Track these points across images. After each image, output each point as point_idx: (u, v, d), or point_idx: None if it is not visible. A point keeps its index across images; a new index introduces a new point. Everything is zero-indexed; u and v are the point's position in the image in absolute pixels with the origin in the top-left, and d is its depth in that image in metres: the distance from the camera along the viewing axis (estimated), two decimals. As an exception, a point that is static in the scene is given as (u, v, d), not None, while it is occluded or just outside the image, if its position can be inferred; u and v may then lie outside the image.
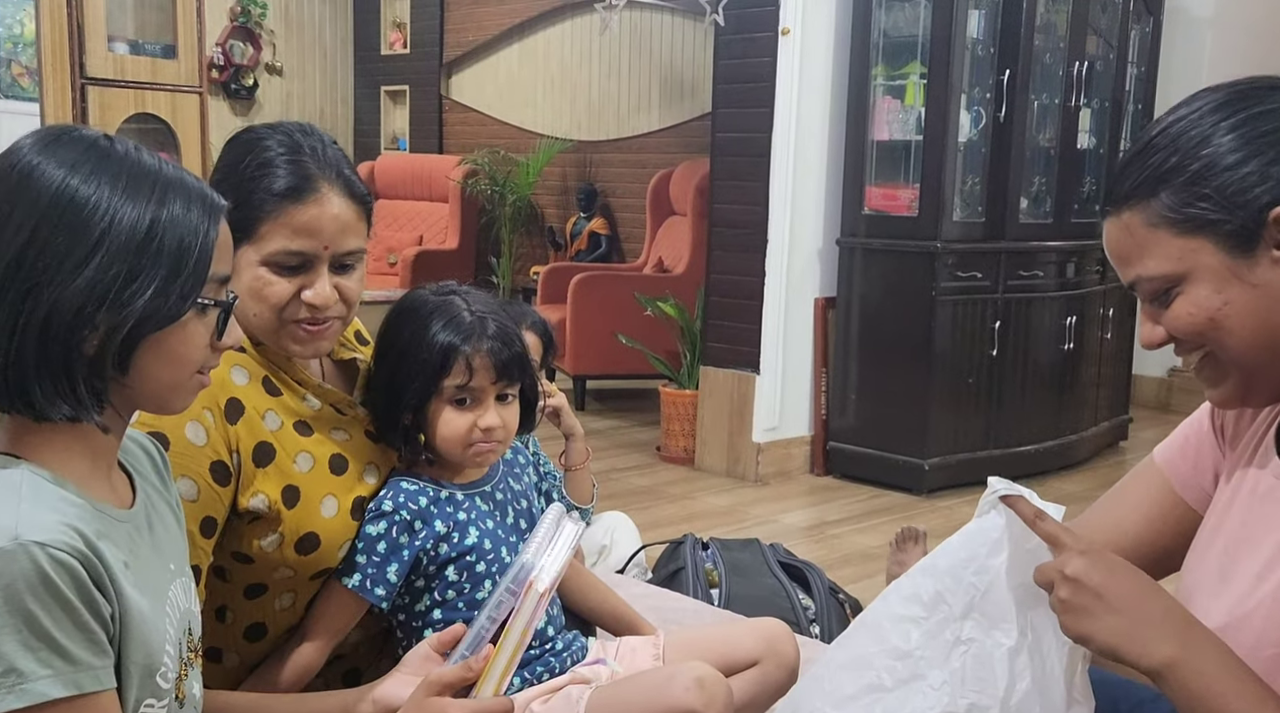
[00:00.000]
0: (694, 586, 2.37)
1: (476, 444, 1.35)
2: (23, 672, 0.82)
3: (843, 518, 3.65)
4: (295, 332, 1.28)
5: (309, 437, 1.31)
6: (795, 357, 4.09)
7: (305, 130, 1.29)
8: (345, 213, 1.26)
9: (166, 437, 1.18)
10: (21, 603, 0.82)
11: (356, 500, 1.34)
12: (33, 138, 0.91)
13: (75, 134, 0.92)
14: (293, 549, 1.28)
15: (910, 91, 3.93)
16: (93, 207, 0.87)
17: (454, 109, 7.27)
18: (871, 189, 3.99)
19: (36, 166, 0.88)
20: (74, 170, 0.88)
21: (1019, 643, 0.99)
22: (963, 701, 0.98)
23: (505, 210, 6.43)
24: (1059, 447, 4.22)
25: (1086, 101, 4.22)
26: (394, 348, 1.37)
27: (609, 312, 4.89)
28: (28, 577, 0.82)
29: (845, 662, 1.05)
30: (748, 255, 4.02)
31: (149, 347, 0.90)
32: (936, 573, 1.03)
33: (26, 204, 0.86)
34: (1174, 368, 5.45)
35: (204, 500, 1.20)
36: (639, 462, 4.28)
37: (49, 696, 0.82)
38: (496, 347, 1.34)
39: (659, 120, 6.17)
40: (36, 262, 0.85)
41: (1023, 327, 4.05)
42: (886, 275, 3.95)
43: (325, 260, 1.26)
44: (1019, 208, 4.02)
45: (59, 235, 0.86)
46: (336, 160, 1.28)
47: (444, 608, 1.36)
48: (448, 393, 1.34)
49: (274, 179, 1.23)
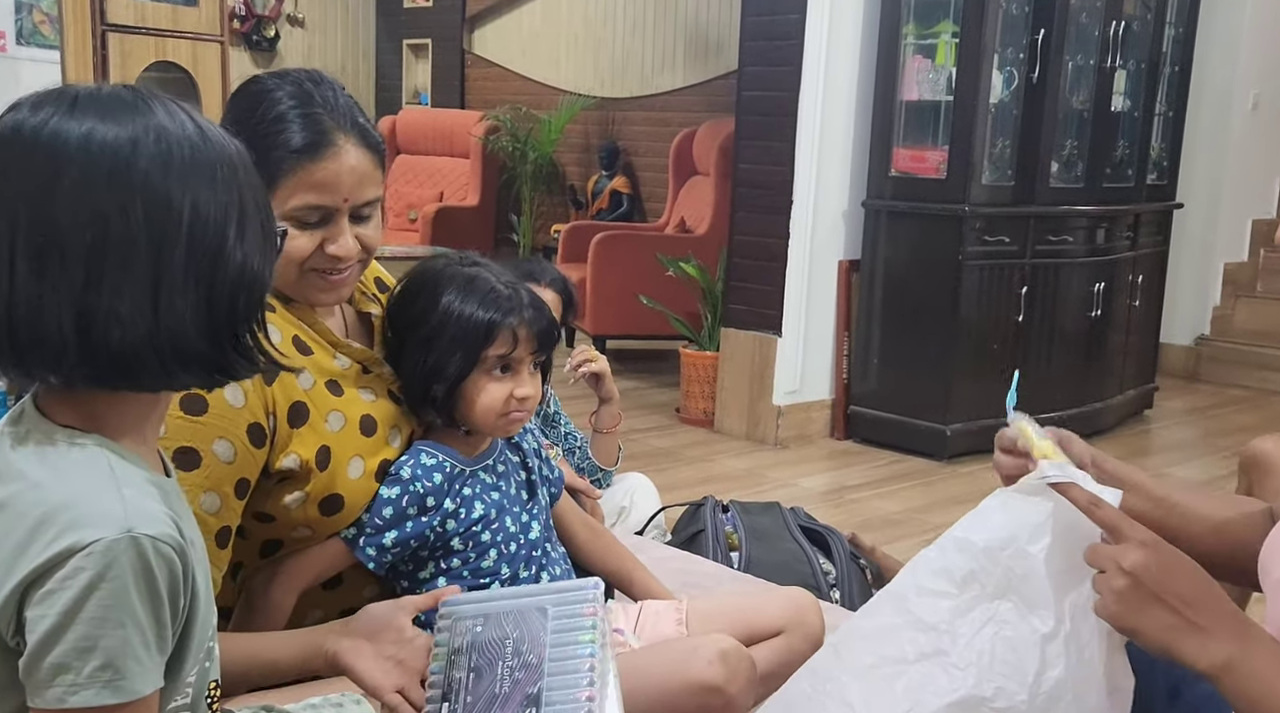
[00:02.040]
0: (714, 548, 2.35)
1: (511, 412, 1.37)
2: (120, 669, 0.81)
3: (863, 483, 3.62)
4: (317, 281, 1.28)
5: (340, 396, 1.31)
6: (817, 320, 4.05)
7: (315, 79, 1.27)
8: (362, 163, 1.25)
9: (205, 398, 1.17)
10: (128, 599, 0.80)
11: (382, 464, 1.33)
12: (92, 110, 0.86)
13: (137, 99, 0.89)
14: (316, 509, 1.27)
15: (941, 51, 3.85)
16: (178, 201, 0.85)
17: (476, 64, 7.20)
18: (899, 151, 3.92)
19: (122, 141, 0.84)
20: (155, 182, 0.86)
21: (1055, 630, 0.96)
22: (989, 684, 0.95)
23: (526, 168, 6.38)
24: (1083, 415, 4.17)
25: (1122, 63, 4.13)
26: (425, 322, 1.36)
27: (630, 272, 4.86)
28: (135, 570, 0.81)
29: (868, 632, 1.03)
30: (771, 217, 3.97)
31: None
32: (972, 551, 1.00)
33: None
34: (1202, 336, 5.38)
35: (240, 462, 1.20)
36: (658, 423, 4.27)
37: (142, 693, 0.82)
38: (534, 316, 1.37)
39: (684, 78, 6.09)
40: (206, 229, 0.85)
41: (1050, 293, 3.99)
42: (912, 239, 3.90)
43: (345, 212, 1.26)
44: (1050, 171, 3.95)
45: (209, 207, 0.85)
46: (349, 109, 1.26)
47: (448, 576, 1.36)
48: (489, 363, 1.35)
49: (290, 135, 1.21)
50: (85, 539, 0.80)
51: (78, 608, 0.79)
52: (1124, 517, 0.96)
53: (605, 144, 6.32)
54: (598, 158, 6.34)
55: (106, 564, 0.79)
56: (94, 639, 0.80)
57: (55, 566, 0.80)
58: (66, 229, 0.81)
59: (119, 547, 0.80)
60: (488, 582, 1.36)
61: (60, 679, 0.80)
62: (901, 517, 3.27)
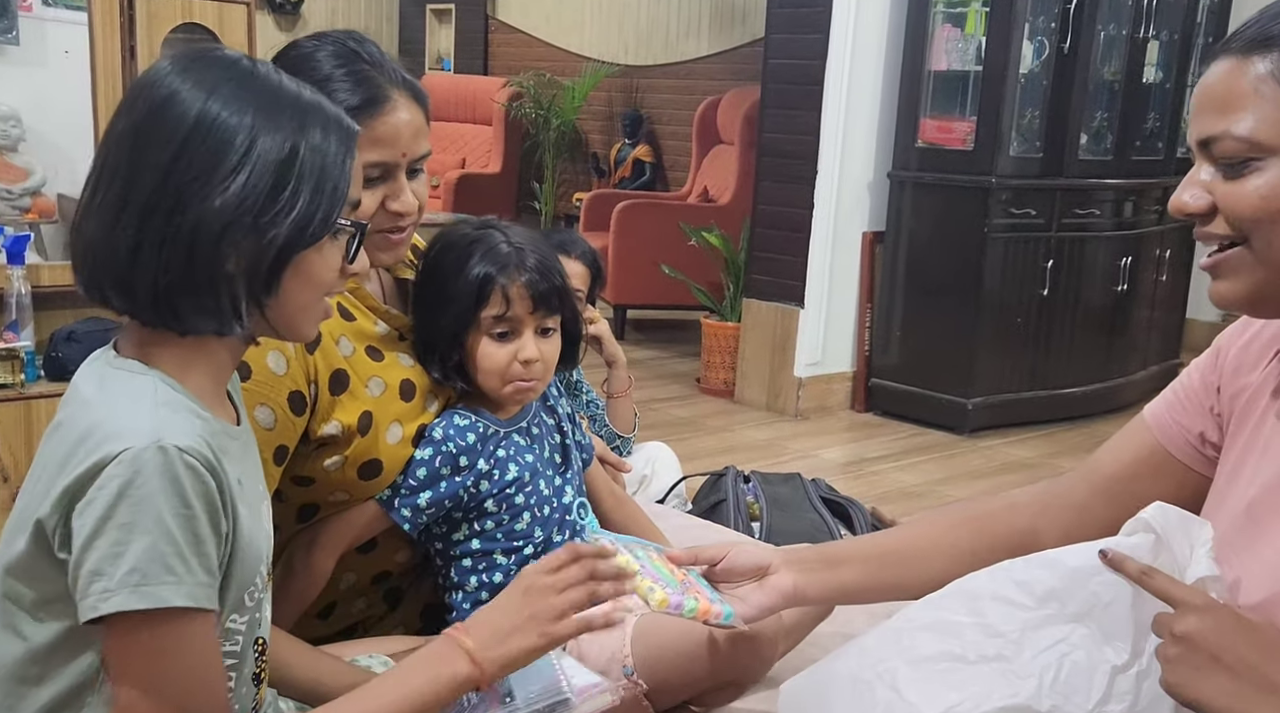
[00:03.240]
0: (735, 518, 2.36)
1: (515, 380, 1.34)
2: (146, 573, 0.82)
3: (883, 455, 3.62)
4: (379, 241, 1.28)
5: (379, 362, 1.31)
6: (840, 291, 4.03)
7: (355, 38, 1.27)
8: (415, 117, 1.26)
9: (249, 365, 1.18)
10: (154, 504, 0.82)
11: (420, 429, 1.33)
12: (171, 59, 0.91)
13: (215, 55, 0.93)
14: (355, 473, 1.28)
15: (971, 19, 3.80)
16: (233, 129, 0.87)
17: (500, 29, 7.16)
18: (926, 121, 3.88)
19: (176, 91, 0.88)
20: (214, 94, 0.88)
21: (1128, 663, 0.92)
22: (1047, 700, 0.92)
23: (549, 135, 6.36)
24: (1106, 390, 4.14)
25: (1155, 33, 4.07)
26: (433, 282, 1.36)
27: (652, 241, 4.84)
28: (163, 478, 0.82)
29: (930, 623, 1.01)
30: (796, 187, 3.94)
31: (290, 269, 0.91)
32: (1059, 569, 0.96)
33: (169, 128, 0.87)
34: (1228, 313, 5.32)
35: (280, 429, 1.21)
36: (678, 393, 4.27)
37: (170, 602, 0.82)
38: (533, 278, 1.33)
39: (709, 45, 6.04)
40: (181, 179, 0.87)
41: (1075, 266, 3.96)
42: (937, 210, 3.87)
43: (404, 167, 1.26)
44: (1079, 143, 3.90)
45: (202, 156, 0.87)
46: (392, 64, 1.27)
47: (482, 538, 1.36)
48: (485, 325, 1.33)
49: (342, 95, 1.21)
50: (116, 449, 0.82)
51: (109, 514, 0.82)
52: (1176, 583, 0.91)
53: (628, 112, 6.28)
54: (621, 126, 6.30)
55: (135, 471, 0.82)
56: (124, 545, 0.82)
57: (91, 476, 0.82)
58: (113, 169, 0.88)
59: (146, 455, 0.82)
60: (520, 544, 1.37)
61: (95, 586, 0.82)
62: (921, 490, 3.27)
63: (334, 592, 1.37)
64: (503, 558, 1.36)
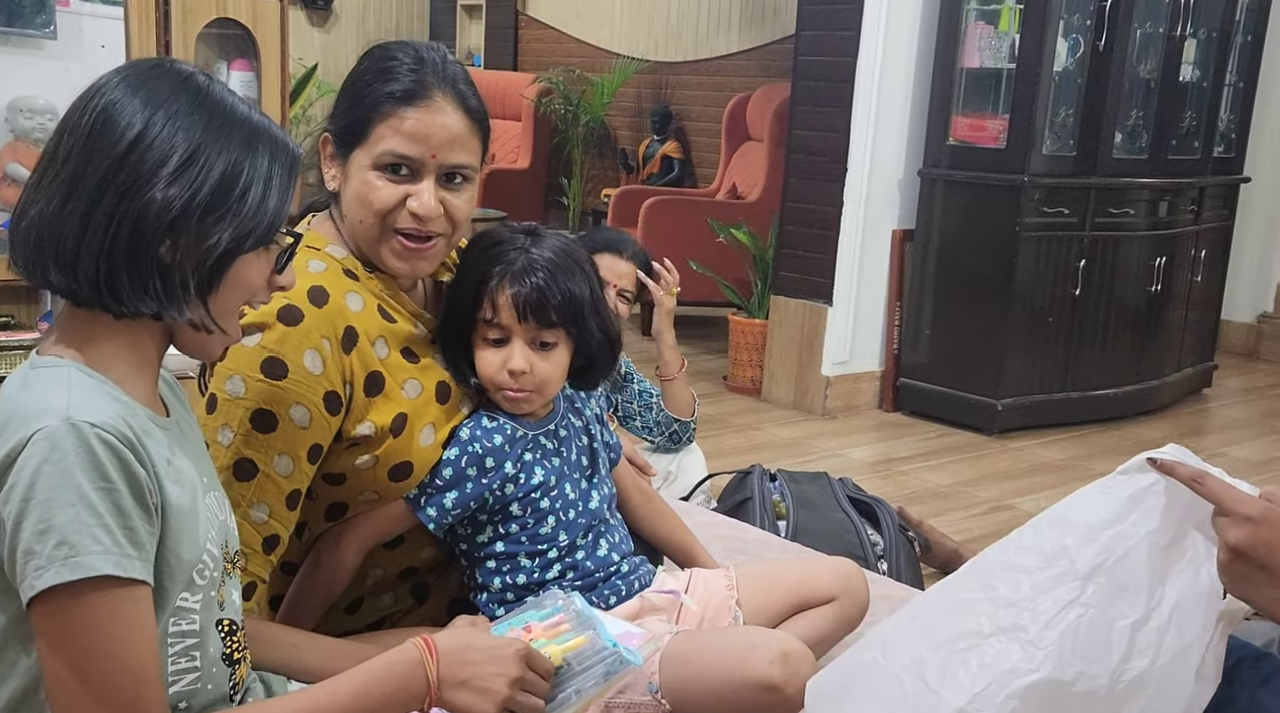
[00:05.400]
0: (761, 516, 2.35)
1: (504, 388, 1.33)
2: (74, 544, 0.84)
3: (911, 454, 3.60)
4: (395, 244, 1.28)
5: (415, 363, 1.32)
6: (869, 290, 4.01)
7: (432, 47, 1.32)
8: (455, 124, 1.27)
9: (286, 363, 1.19)
10: (73, 478, 0.84)
11: (452, 431, 1.34)
12: (120, 73, 0.95)
13: (169, 69, 0.97)
14: (385, 473, 1.29)
15: (1005, 17, 3.76)
16: (184, 139, 0.92)
17: (530, 25, 7.16)
18: (958, 119, 3.85)
19: (116, 103, 0.92)
20: (164, 107, 0.93)
21: (1145, 617, 0.93)
22: (1071, 668, 0.92)
23: (578, 131, 6.35)
24: (1139, 391, 4.10)
25: (1192, 31, 4.01)
26: (455, 280, 1.38)
27: (680, 237, 4.83)
28: (79, 453, 0.85)
29: (946, 605, 1.01)
30: (825, 184, 3.92)
31: (225, 273, 0.96)
32: (1068, 526, 0.96)
33: (120, 129, 0.92)
34: (1265, 314, 5.25)
35: (314, 428, 1.22)
36: (705, 390, 4.26)
37: (100, 570, 0.84)
38: (523, 291, 1.31)
39: (739, 42, 6.02)
40: (134, 168, 0.91)
41: (1109, 267, 3.91)
42: (968, 209, 3.83)
43: (432, 170, 1.26)
44: (1113, 142, 3.86)
45: (153, 154, 0.91)
46: (455, 75, 1.29)
47: (506, 541, 1.36)
48: (481, 329, 1.34)
49: (389, 83, 1.25)
50: (29, 431, 0.85)
51: (30, 492, 0.84)
52: (1230, 489, 0.94)
53: (657, 108, 6.27)
54: (649, 122, 6.29)
55: (51, 447, 0.84)
56: (48, 520, 0.84)
57: (10, 462, 0.85)
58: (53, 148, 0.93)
59: (59, 432, 0.85)
60: (544, 548, 1.37)
61: (28, 565, 0.84)
62: (949, 490, 3.25)
63: (361, 587, 1.38)
64: (527, 561, 1.36)
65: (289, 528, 1.24)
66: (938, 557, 2.52)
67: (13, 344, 2.36)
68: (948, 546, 2.53)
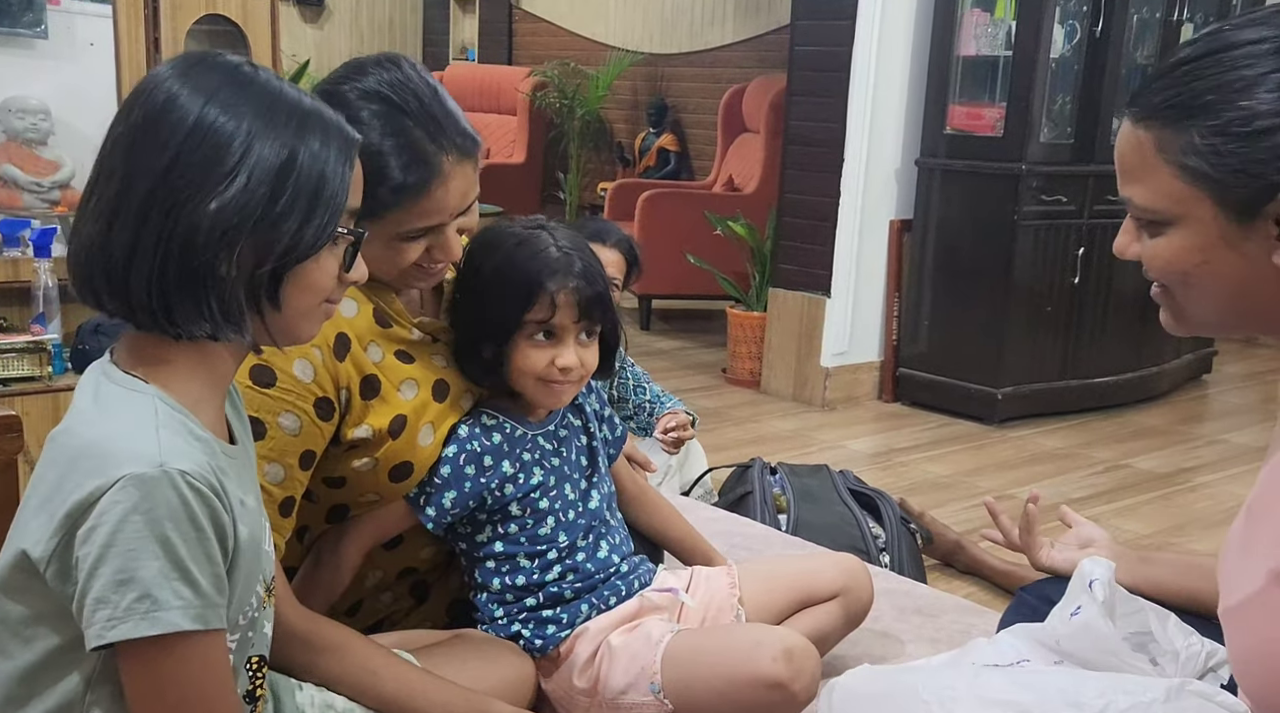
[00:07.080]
0: (761, 510, 2.34)
1: (552, 382, 1.33)
2: (157, 599, 0.82)
3: (911, 445, 3.58)
4: (417, 273, 1.29)
5: (411, 364, 1.31)
6: (867, 280, 4.00)
7: (398, 84, 1.19)
8: (465, 177, 1.24)
9: (275, 371, 1.17)
10: (161, 529, 0.82)
11: (451, 429, 1.33)
12: (171, 64, 0.91)
13: (215, 61, 0.92)
14: (386, 475, 1.28)
15: (1001, 4, 3.74)
16: (230, 134, 0.87)
17: (524, 19, 7.13)
18: (955, 108, 3.83)
19: (174, 95, 0.88)
20: (213, 99, 0.88)
21: None
22: None
23: (574, 124, 6.33)
24: (1138, 379, 4.08)
25: (1189, 16, 3.99)
26: (479, 278, 1.34)
27: (677, 230, 4.81)
28: (170, 504, 0.82)
29: (1008, 670, 1.01)
30: (822, 175, 3.90)
31: (289, 277, 0.91)
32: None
33: (166, 132, 0.87)
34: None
35: (305, 435, 1.20)
36: (704, 384, 4.25)
37: (179, 626, 0.82)
38: (581, 285, 1.31)
39: (734, 33, 5.99)
40: (178, 182, 0.86)
41: (1108, 254, 3.86)
42: (966, 198, 3.82)
43: (452, 223, 1.26)
44: (1111, 129, 3.83)
45: (199, 160, 0.86)
46: (443, 118, 1.21)
47: (505, 541, 1.35)
48: (529, 328, 1.32)
49: (390, 172, 1.17)
50: (116, 475, 0.82)
51: (112, 540, 0.81)
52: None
53: (653, 101, 6.25)
54: (646, 115, 6.27)
55: (141, 497, 0.81)
56: (130, 571, 0.81)
57: (92, 502, 0.82)
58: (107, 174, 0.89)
59: (151, 480, 0.82)
60: (544, 549, 1.35)
61: (99, 614, 0.82)
62: (951, 481, 3.24)
63: (360, 588, 1.37)
64: (526, 562, 1.35)
65: (286, 534, 1.23)
66: (940, 549, 2.51)
67: (5, 346, 2.35)
68: (949, 537, 2.51)
